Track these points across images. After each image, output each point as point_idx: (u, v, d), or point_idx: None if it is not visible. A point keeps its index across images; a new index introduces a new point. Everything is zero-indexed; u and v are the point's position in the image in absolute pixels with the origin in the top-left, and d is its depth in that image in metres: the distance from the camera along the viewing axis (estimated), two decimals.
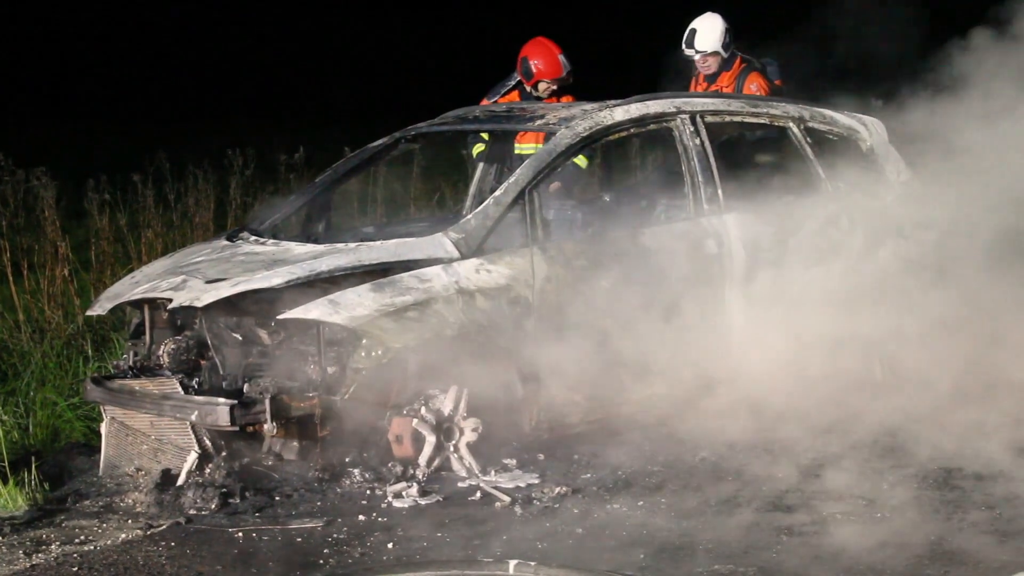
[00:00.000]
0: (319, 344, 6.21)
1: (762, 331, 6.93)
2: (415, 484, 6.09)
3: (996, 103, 7.13)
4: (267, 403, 6.09)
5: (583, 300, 6.62)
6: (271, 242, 6.85)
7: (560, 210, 7.66)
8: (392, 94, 23.26)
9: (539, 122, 7.19)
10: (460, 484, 6.18)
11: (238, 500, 5.98)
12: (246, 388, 6.18)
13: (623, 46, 21.97)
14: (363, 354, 6.16)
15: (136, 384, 6.43)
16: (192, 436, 6.20)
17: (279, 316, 6.20)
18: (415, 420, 6.25)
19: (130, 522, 5.81)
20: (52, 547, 5.54)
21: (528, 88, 8.57)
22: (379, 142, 7.76)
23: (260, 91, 24.89)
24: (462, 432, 6.33)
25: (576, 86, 8.61)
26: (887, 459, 6.40)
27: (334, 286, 6.24)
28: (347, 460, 6.27)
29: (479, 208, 6.67)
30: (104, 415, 6.55)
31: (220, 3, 27.42)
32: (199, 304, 6.23)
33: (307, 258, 6.43)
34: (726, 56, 8.48)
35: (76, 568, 5.32)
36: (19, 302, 8.56)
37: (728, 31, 8.47)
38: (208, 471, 6.14)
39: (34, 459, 6.39)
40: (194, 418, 6.13)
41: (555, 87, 8.53)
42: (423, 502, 5.96)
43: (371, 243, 6.61)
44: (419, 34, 27.99)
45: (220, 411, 6.06)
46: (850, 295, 7.09)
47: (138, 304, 6.73)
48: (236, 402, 6.08)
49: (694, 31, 8.49)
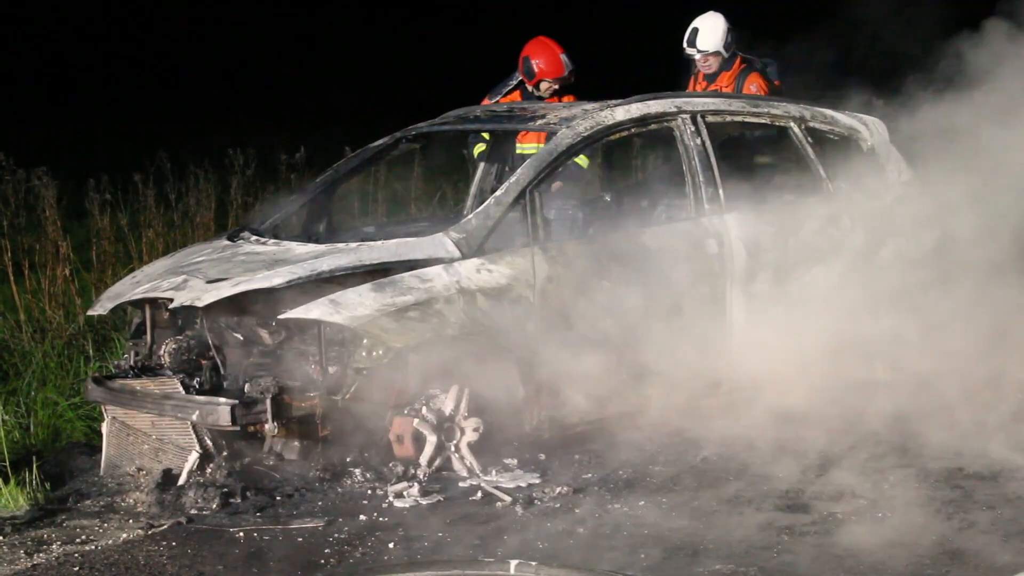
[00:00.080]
0: (320, 344, 6.21)
1: (763, 331, 6.93)
2: (416, 484, 6.09)
3: (1001, 98, 7.11)
4: (268, 403, 6.09)
5: (584, 300, 6.62)
6: (272, 242, 6.84)
7: (561, 210, 7.67)
8: (393, 94, 23.26)
9: (540, 122, 7.18)
10: (461, 484, 6.18)
11: (239, 500, 5.98)
12: (247, 388, 6.18)
13: (624, 46, 21.99)
14: (364, 354, 6.15)
15: (137, 384, 6.43)
16: (193, 436, 6.20)
17: (280, 316, 6.20)
18: (416, 420, 6.24)
19: (131, 522, 5.81)
20: (53, 547, 5.54)
21: (530, 88, 8.56)
22: (380, 142, 7.75)
23: (261, 91, 24.89)
24: (463, 432, 6.32)
25: (577, 86, 8.60)
26: (889, 459, 6.40)
27: (335, 286, 6.23)
28: (348, 460, 6.27)
29: (480, 208, 6.66)
30: (105, 415, 6.54)
31: (221, 3, 27.42)
32: (200, 304, 6.22)
33: (308, 258, 6.42)
34: (727, 56, 8.47)
35: (77, 568, 5.32)
36: (20, 302, 8.56)
37: (730, 31, 8.46)
38: (209, 471, 6.14)
39: (35, 459, 6.39)
40: (195, 418, 6.13)
41: (557, 86, 8.52)
42: (424, 502, 5.96)
43: (372, 243, 6.60)
44: (420, 34, 27.99)
45: (221, 411, 6.06)
46: (851, 295, 7.09)
47: (139, 304, 6.73)
48: (237, 402, 6.08)
49: (696, 30, 8.46)
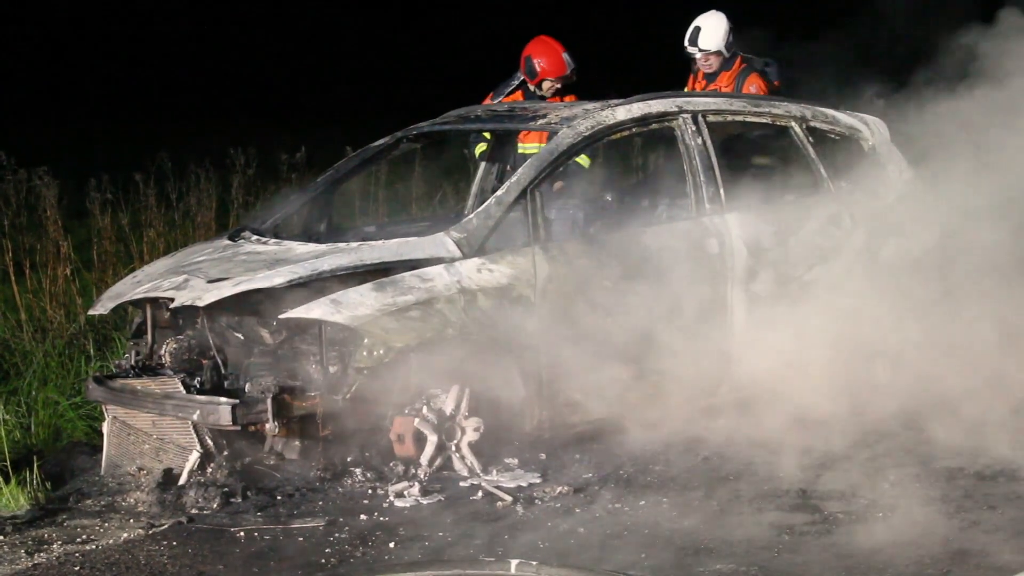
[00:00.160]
0: (321, 343, 6.21)
1: (764, 330, 6.93)
2: (417, 484, 6.09)
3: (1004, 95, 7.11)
4: (269, 402, 6.09)
5: (585, 299, 6.62)
6: (273, 241, 6.84)
7: (562, 209, 7.66)
8: (394, 93, 23.25)
9: (541, 121, 7.18)
10: (462, 484, 6.18)
11: (240, 499, 5.99)
12: (248, 387, 6.18)
13: (625, 45, 21.97)
14: (365, 353, 6.15)
15: (138, 383, 6.43)
16: (194, 435, 6.20)
17: (281, 315, 6.20)
18: (417, 419, 6.24)
19: (132, 521, 5.81)
20: (54, 546, 5.54)
21: (532, 87, 8.54)
22: (381, 141, 7.75)
23: (262, 90, 24.87)
24: (464, 431, 6.32)
25: (578, 85, 8.59)
26: (890, 458, 6.40)
27: (336, 285, 6.23)
28: (349, 459, 6.27)
29: (481, 208, 6.66)
30: (106, 414, 6.55)
31: (221, 3, 27.42)
32: (201, 303, 6.23)
33: (309, 257, 6.42)
34: (728, 56, 8.46)
35: (78, 567, 5.32)
36: (21, 301, 8.56)
37: (732, 31, 8.44)
38: (210, 470, 6.14)
39: (36, 458, 6.39)
40: (196, 417, 6.14)
41: (559, 85, 8.49)
42: (425, 502, 5.96)
43: (373, 242, 6.60)
44: (421, 34, 27.98)
45: (222, 410, 6.07)
46: (852, 294, 7.09)
47: (140, 303, 6.73)
48: (238, 401, 6.09)
49: (698, 29, 8.44)
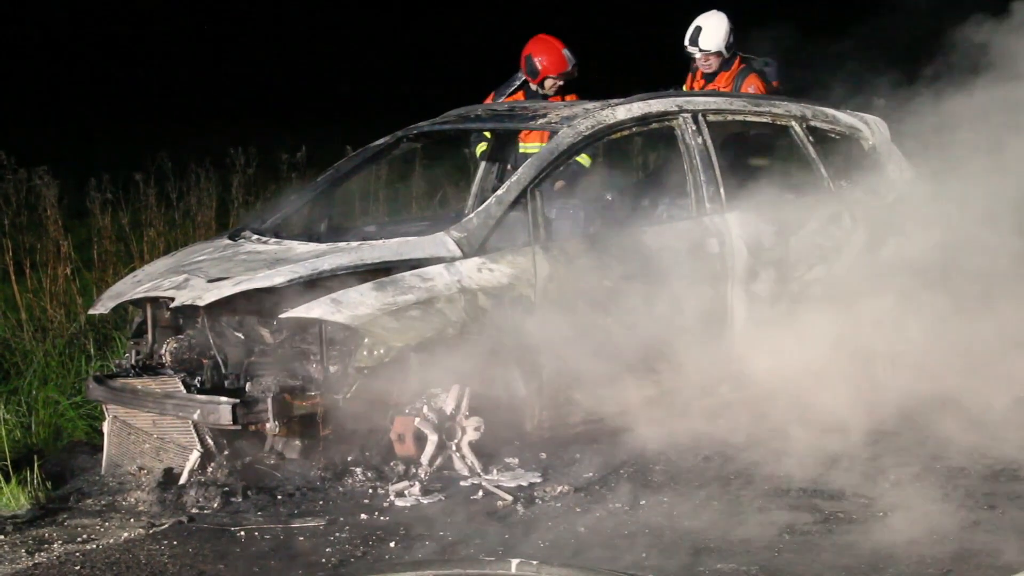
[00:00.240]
0: (321, 343, 6.21)
1: (764, 329, 6.93)
2: (417, 483, 6.09)
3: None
4: (269, 402, 6.09)
5: (585, 299, 6.62)
6: (273, 241, 6.84)
7: (562, 209, 7.66)
8: (394, 93, 23.25)
9: (541, 121, 7.18)
10: (462, 483, 6.18)
11: (240, 499, 5.99)
12: (248, 387, 6.18)
13: (625, 45, 21.97)
14: (365, 353, 6.15)
15: (138, 383, 6.43)
16: (194, 435, 6.20)
17: (281, 315, 6.20)
18: (417, 419, 6.24)
19: (132, 521, 5.81)
20: (54, 546, 5.54)
21: (534, 86, 8.51)
22: (381, 141, 7.75)
23: (262, 90, 24.87)
24: (464, 431, 6.32)
25: (579, 85, 8.57)
26: (890, 458, 6.40)
27: (336, 285, 6.23)
28: (349, 459, 6.27)
29: (481, 207, 6.66)
30: (106, 414, 6.55)
31: (221, 2, 27.41)
32: (201, 303, 6.22)
33: (309, 257, 6.42)
34: (727, 56, 8.45)
35: (78, 567, 5.32)
36: (21, 301, 8.56)
37: (732, 31, 8.42)
38: (210, 470, 6.14)
39: (36, 458, 6.39)
40: (196, 417, 6.14)
41: (561, 82, 8.45)
42: (425, 501, 5.96)
43: (373, 242, 6.60)
44: (421, 33, 27.97)
45: (222, 410, 6.07)
46: (852, 293, 7.09)
47: (140, 303, 6.73)
48: (238, 401, 6.08)
49: (699, 28, 8.39)
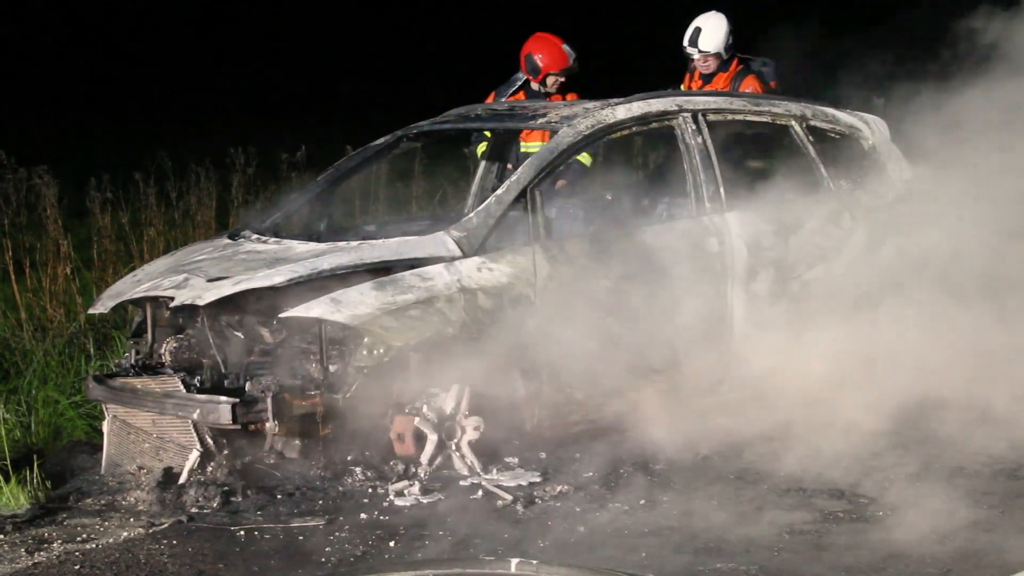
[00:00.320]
0: (321, 342, 6.21)
1: (763, 329, 6.93)
2: (417, 483, 6.09)
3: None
4: (269, 401, 6.09)
5: (585, 298, 6.62)
6: (273, 240, 6.84)
7: (562, 208, 7.66)
8: (394, 93, 23.25)
9: (541, 120, 7.18)
10: (462, 483, 6.18)
11: (240, 498, 5.99)
12: (248, 386, 6.18)
13: (625, 45, 21.96)
14: (365, 352, 6.15)
15: (138, 382, 6.43)
16: (194, 434, 6.20)
17: (281, 314, 6.20)
18: (417, 418, 6.24)
19: (132, 520, 5.81)
20: (54, 545, 5.55)
21: (536, 85, 8.47)
22: (381, 140, 7.75)
23: (262, 89, 24.87)
24: (464, 430, 6.32)
25: (579, 84, 8.56)
26: (890, 457, 6.41)
27: (336, 284, 6.23)
28: (349, 458, 6.27)
29: (481, 207, 6.66)
30: (106, 413, 6.55)
31: (221, 2, 27.41)
32: (201, 302, 6.22)
33: (309, 256, 6.42)
34: (726, 58, 8.44)
35: (78, 566, 5.32)
36: (21, 300, 8.57)
37: (731, 32, 8.40)
38: (210, 469, 6.14)
39: (36, 457, 6.39)
40: (196, 416, 6.13)
41: (563, 79, 8.41)
42: (425, 500, 5.96)
43: (373, 241, 6.60)
44: (422, 33, 27.98)
45: (222, 409, 6.07)
46: (852, 293, 7.09)
47: (140, 302, 6.73)
48: (238, 400, 6.08)
49: (699, 30, 8.36)
